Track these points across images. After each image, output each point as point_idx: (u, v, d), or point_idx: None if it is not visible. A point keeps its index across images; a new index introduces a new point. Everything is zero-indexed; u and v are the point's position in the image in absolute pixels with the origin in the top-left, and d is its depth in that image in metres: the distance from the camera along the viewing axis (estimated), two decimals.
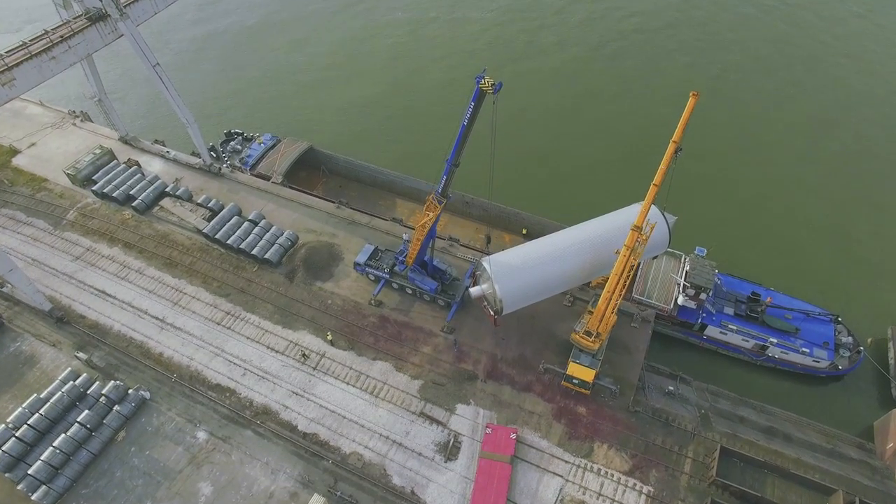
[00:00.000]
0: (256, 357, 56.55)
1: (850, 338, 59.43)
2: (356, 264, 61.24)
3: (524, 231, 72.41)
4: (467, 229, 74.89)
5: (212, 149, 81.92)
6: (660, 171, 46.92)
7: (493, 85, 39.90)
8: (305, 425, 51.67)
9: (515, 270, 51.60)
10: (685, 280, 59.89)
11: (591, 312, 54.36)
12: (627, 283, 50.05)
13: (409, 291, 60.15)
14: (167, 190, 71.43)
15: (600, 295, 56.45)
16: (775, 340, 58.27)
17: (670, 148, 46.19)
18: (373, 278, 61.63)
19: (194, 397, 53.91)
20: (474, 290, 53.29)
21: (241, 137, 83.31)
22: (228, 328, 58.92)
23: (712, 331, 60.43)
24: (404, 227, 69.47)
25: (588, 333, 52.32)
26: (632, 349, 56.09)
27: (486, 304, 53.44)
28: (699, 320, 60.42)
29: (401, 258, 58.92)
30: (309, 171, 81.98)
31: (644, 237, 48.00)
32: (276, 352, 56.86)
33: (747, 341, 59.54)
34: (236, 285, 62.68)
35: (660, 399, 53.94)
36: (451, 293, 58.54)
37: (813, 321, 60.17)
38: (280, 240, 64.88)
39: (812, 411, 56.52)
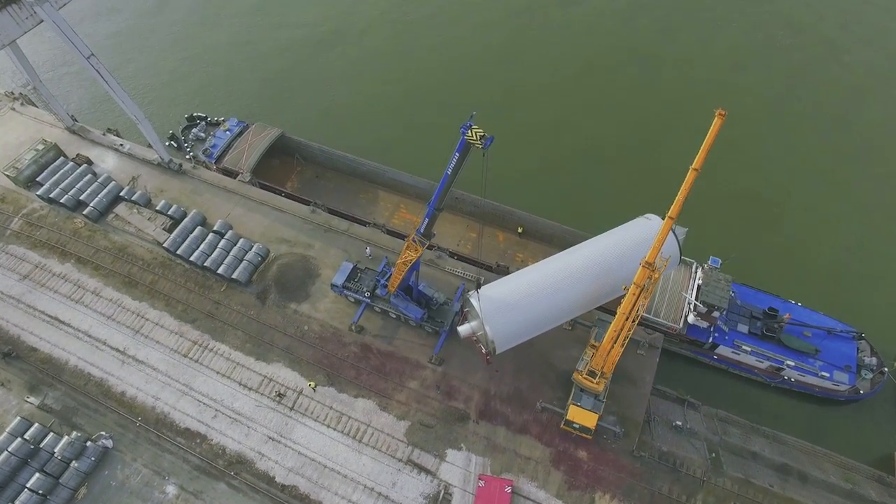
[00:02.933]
0: (228, 396, 51.69)
1: (873, 358, 54.78)
2: (333, 286, 55.17)
3: (520, 230, 66.09)
4: (457, 226, 68.38)
5: (172, 137, 73.65)
6: (677, 202, 40.38)
7: (482, 138, 32.51)
8: (284, 476, 47.59)
9: (508, 307, 45.77)
10: (697, 299, 54.39)
11: (594, 347, 49.21)
12: (637, 322, 44.52)
13: (393, 316, 54.56)
14: (122, 194, 63.80)
15: (605, 322, 51.33)
16: (792, 363, 53.69)
17: (690, 176, 39.58)
18: (353, 300, 55.80)
19: (162, 444, 49.45)
20: (463, 329, 47.72)
21: (204, 122, 74.41)
22: (196, 361, 53.65)
23: (724, 350, 55.66)
24: (387, 232, 63.04)
25: (592, 374, 47.36)
26: (637, 381, 51.43)
27: (476, 341, 48.02)
28: (710, 339, 55.49)
29: (382, 281, 52.86)
30: (282, 159, 74.02)
31: (657, 275, 41.99)
32: (250, 389, 51.94)
33: (762, 362, 54.92)
34: (203, 308, 56.80)
35: (666, 436, 49.88)
36: (440, 320, 52.98)
37: (835, 339, 55.30)
38: (249, 255, 58.35)
39: (827, 436, 53.03)
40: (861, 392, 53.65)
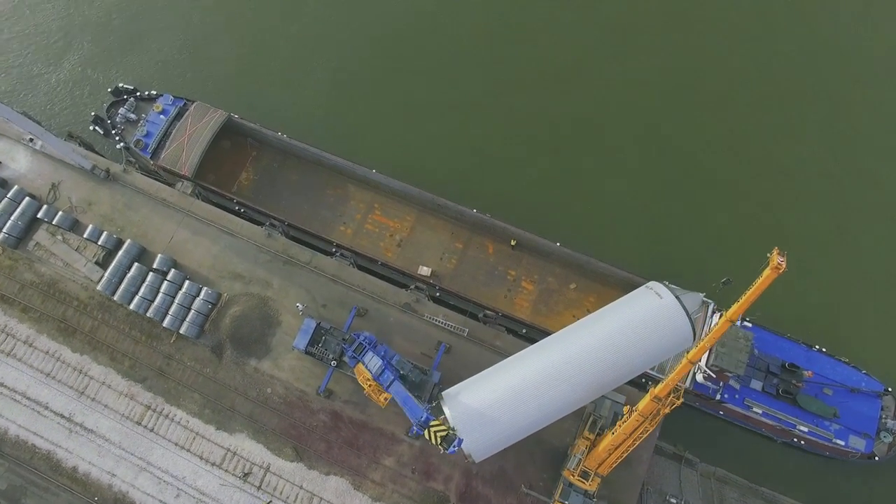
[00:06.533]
0: (190, 472, 47.70)
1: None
2: (295, 348, 48.14)
3: (513, 242, 57.34)
4: (441, 234, 59.42)
5: (96, 120, 60.55)
6: (700, 348, 32.37)
7: (443, 441, 23.70)
8: None
9: (485, 421, 39.33)
10: (708, 361, 47.88)
11: (587, 439, 43.85)
12: (640, 440, 38.80)
13: None
14: (40, 215, 53.62)
15: (605, 399, 45.69)
16: (806, 429, 48.95)
17: (722, 326, 31.11)
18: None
19: None
20: None
21: (133, 98, 60.84)
22: (151, 430, 48.83)
23: (732, 406, 50.52)
24: (358, 260, 54.68)
25: (584, 475, 42.64)
26: (632, 460, 46.72)
27: None
28: (718, 396, 50.10)
29: (350, 352, 45.64)
30: (234, 140, 62.18)
31: (667, 410, 35.32)
32: (212, 464, 47.79)
33: (772, 422, 50.14)
34: (153, 364, 50.52)
35: None
36: (416, 394, 46.79)
37: (857, 398, 49.86)
38: (197, 303, 50.48)
39: (833, 498, 50.39)
40: (877, 457, 49.60)
